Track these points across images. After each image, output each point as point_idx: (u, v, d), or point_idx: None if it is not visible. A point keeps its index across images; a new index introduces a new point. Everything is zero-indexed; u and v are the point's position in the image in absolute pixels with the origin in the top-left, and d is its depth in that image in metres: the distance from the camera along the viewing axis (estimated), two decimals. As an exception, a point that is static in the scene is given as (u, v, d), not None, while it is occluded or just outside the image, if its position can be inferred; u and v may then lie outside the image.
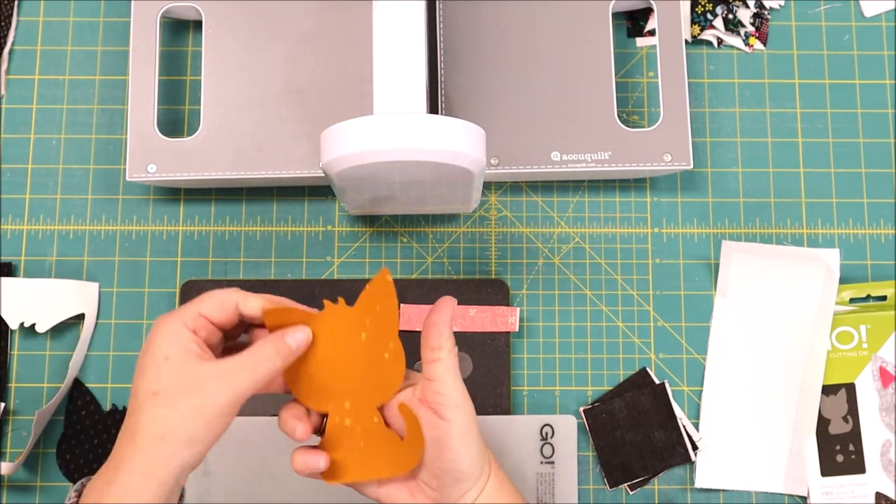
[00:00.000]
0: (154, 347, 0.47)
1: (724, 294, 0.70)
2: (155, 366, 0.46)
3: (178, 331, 0.47)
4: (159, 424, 0.46)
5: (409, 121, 0.54)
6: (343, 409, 0.52)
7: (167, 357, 0.46)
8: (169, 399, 0.46)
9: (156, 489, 0.46)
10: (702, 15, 0.74)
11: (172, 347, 0.47)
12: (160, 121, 0.68)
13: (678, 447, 0.67)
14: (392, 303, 0.52)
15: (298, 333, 0.50)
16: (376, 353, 0.52)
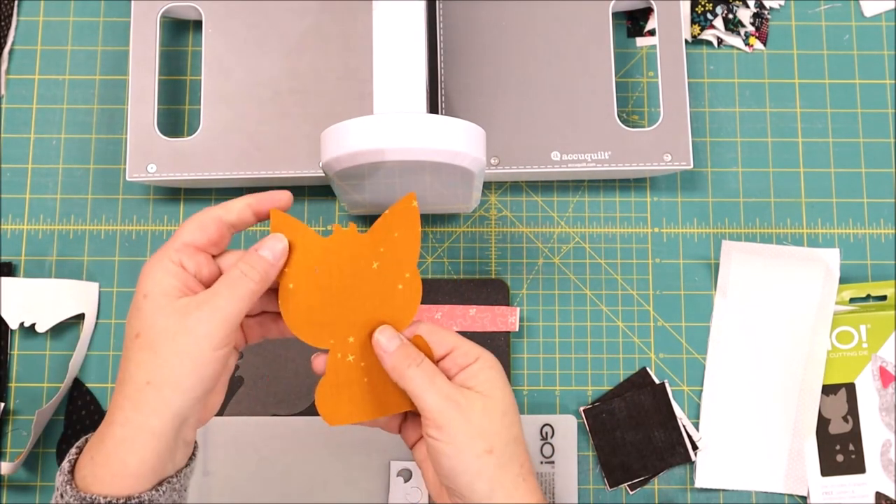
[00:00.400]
0: (138, 286, 0.44)
1: (724, 294, 0.70)
2: (136, 306, 0.43)
3: (160, 265, 0.43)
4: (143, 369, 0.42)
5: (409, 120, 0.54)
6: (346, 343, 0.48)
7: (146, 295, 0.43)
8: (149, 341, 0.42)
9: (150, 441, 0.42)
10: (702, 15, 0.74)
11: (152, 284, 0.43)
12: (160, 121, 0.68)
13: (678, 447, 0.67)
14: (415, 231, 0.48)
15: (272, 241, 0.46)
16: (389, 284, 0.48)
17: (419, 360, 0.46)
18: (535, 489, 0.47)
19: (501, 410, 0.46)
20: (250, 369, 0.68)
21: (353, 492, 0.66)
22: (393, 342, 0.46)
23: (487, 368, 0.46)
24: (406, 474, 0.66)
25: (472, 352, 0.47)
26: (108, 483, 0.41)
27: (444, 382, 0.46)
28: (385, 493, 0.66)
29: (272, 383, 0.67)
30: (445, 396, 0.45)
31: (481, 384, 0.46)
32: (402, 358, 0.46)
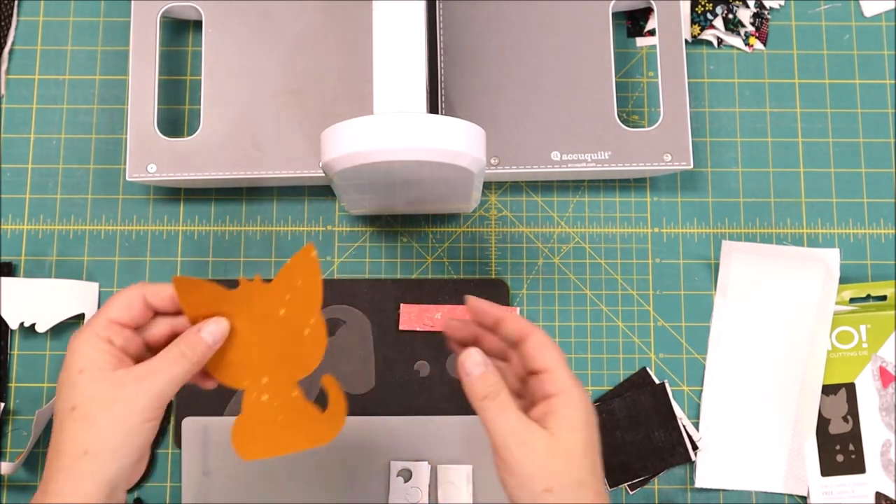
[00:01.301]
0: (68, 362, 0.46)
1: (724, 294, 0.70)
2: (70, 381, 0.45)
3: (90, 342, 0.46)
4: (80, 440, 0.44)
5: (409, 121, 0.54)
6: (260, 384, 0.51)
7: (81, 370, 0.45)
8: (87, 412, 0.44)
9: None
10: (702, 15, 0.74)
11: (85, 360, 0.45)
12: (160, 121, 0.68)
13: (678, 447, 0.67)
14: (315, 279, 0.51)
15: (212, 325, 0.48)
16: (295, 329, 0.51)
17: (496, 393, 0.46)
18: None
19: (566, 452, 0.46)
20: (250, 369, 0.68)
21: (353, 492, 0.66)
22: (477, 368, 0.47)
23: (564, 406, 0.46)
24: (406, 474, 0.66)
25: (560, 383, 0.47)
26: None
27: (514, 417, 0.46)
28: (385, 493, 0.66)
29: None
30: (511, 432, 0.46)
31: (554, 421, 0.46)
32: (480, 385, 0.47)
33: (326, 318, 0.68)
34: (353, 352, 0.68)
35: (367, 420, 0.67)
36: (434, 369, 0.68)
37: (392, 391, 0.68)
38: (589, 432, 0.47)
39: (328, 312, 0.69)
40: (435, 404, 0.68)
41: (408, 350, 0.68)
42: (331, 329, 0.69)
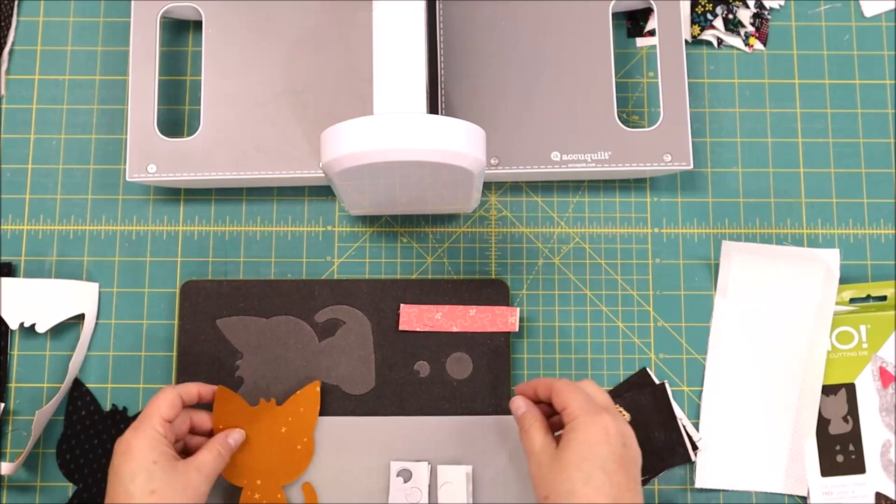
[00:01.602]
0: (141, 456, 0.56)
1: (724, 294, 0.70)
2: (147, 470, 0.56)
3: (155, 438, 0.57)
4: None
5: (409, 121, 0.54)
6: (255, 484, 0.64)
7: (155, 462, 0.57)
8: (164, 496, 0.56)
9: None
10: (702, 15, 0.74)
11: (156, 453, 0.57)
12: (160, 121, 0.68)
13: (678, 447, 0.67)
14: (314, 409, 0.66)
15: (237, 434, 0.63)
16: (291, 444, 0.65)
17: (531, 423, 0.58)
18: None
19: (561, 466, 0.54)
20: (250, 370, 0.68)
21: (353, 492, 0.66)
22: (520, 410, 0.60)
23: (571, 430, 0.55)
24: (406, 474, 0.66)
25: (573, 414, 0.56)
26: None
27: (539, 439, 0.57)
28: (385, 493, 0.66)
29: (272, 384, 0.67)
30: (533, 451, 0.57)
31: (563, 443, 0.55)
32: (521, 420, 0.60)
33: (326, 319, 0.69)
34: (352, 352, 0.68)
35: (367, 420, 0.67)
36: (434, 369, 0.68)
37: (392, 391, 0.68)
38: (588, 448, 0.54)
39: (328, 313, 0.69)
40: (435, 404, 0.68)
41: (408, 350, 0.68)
42: (331, 329, 0.69)
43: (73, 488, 0.67)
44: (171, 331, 0.70)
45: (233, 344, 0.68)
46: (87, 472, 0.67)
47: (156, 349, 0.69)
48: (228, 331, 0.68)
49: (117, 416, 0.68)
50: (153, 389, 0.69)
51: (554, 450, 0.55)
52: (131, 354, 0.69)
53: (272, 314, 0.69)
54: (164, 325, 0.70)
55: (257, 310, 0.69)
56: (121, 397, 0.69)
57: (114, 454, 0.58)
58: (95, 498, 0.67)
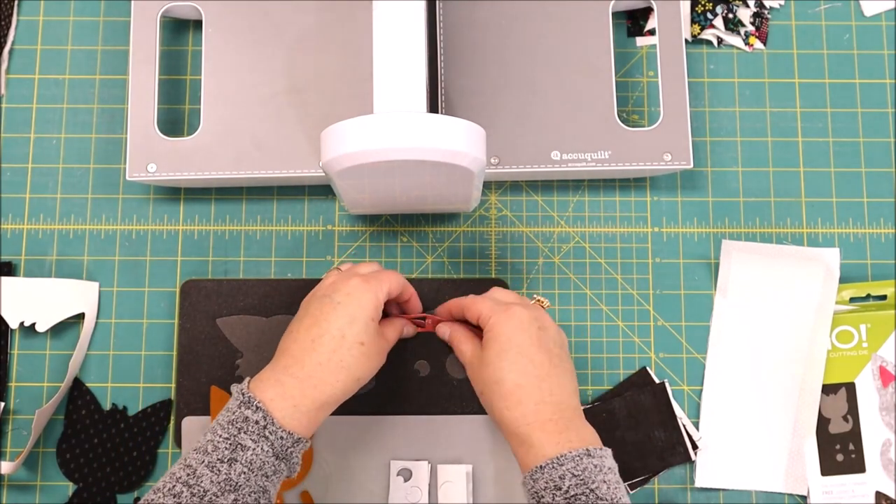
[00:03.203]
0: (364, 308, 0.58)
1: (724, 293, 0.70)
2: (365, 323, 0.58)
3: (378, 300, 0.59)
4: (361, 370, 0.58)
5: (409, 120, 0.54)
6: None
7: (373, 319, 0.58)
8: (370, 352, 0.58)
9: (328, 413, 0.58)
10: (702, 14, 0.74)
11: (376, 312, 0.59)
12: (160, 120, 0.68)
13: (678, 447, 0.67)
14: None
15: (410, 328, 0.66)
16: None
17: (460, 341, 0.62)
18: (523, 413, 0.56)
19: (486, 361, 0.59)
20: (250, 369, 0.68)
21: (353, 492, 0.66)
22: (446, 333, 0.64)
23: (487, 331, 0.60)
24: (406, 474, 0.66)
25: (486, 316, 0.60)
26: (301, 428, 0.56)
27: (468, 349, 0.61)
28: (385, 493, 0.66)
29: (272, 383, 0.67)
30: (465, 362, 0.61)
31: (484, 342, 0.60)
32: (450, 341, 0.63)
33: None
34: (353, 351, 0.68)
35: (367, 420, 0.67)
36: (434, 369, 0.68)
37: (392, 391, 0.68)
38: (506, 339, 0.58)
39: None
40: (435, 404, 0.68)
41: (408, 350, 0.68)
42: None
43: (73, 488, 0.67)
44: (171, 330, 0.70)
45: (233, 343, 0.68)
46: (87, 471, 0.67)
47: (156, 348, 0.69)
48: (228, 330, 0.68)
49: (117, 415, 0.68)
50: (153, 389, 0.69)
51: (480, 353, 0.60)
52: (131, 354, 0.69)
53: (272, 313, 0.69)
54: (164, 325, 0.70)
55: (257, 309, 0.69)
56: (121, 397, 0.69)
57: (333, 291, 0.59)
58: (95, 497, 0.67)
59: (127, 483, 0.67)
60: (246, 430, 0.54)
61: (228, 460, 0.53)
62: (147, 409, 0.68)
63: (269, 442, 0.54)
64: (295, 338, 0.58)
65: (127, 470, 0.67)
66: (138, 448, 0.67)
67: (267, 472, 0.54)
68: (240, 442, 0.53)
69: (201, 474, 0.52)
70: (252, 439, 0.54)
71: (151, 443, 0.68)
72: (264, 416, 0.54)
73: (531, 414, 0.56)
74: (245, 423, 0.54)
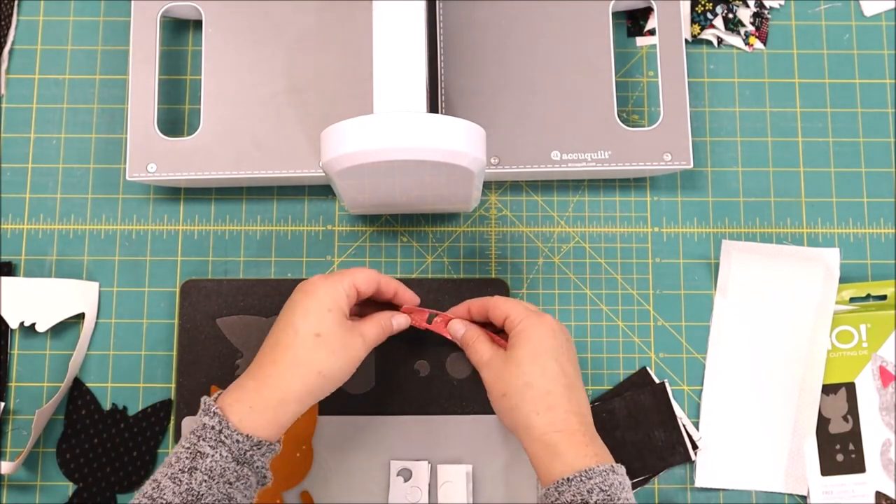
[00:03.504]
0: (320, 299, 0.57)
1: (724, 293, 0.70)
2: (320, 313, 0.56)
3: (338, 292, 0.58)
4: (319, 361, 0.56)
5: (409, 120, 0.54)
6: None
7: (330, 309, 0.57)
8: (329, 343, 0.56)
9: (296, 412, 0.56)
10: (702, 14, 0.74)
11: (335, 303, 0.57)
12: (160, 120, 0.68)
13: (678, 447, 0.67)
14: (312, 416, 0.66)
15: (401, 318, 0.63)
16: (290, 452, 0.65)
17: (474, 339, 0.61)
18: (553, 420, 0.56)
19: (516, 362, 0.58)
20: (250, 369, 0.68)
21: (353, 492, 0.66)
22: (460, 330, 0.63)
23: (518, 333, 0.59)
24: (406, 474, 0.66)
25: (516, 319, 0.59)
26: (260, 430, 0.54)
27: (485, 349, 0.60)
28: (385, 493, 0.66)
29: (272, 383, 0.67)
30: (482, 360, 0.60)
31: (511, 345, 0.59)
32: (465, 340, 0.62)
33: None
34: (353, 351, 0.68)
35: (366, 420, 0.67)
36: (434, 369, 0.68)
37: (392, 391, 0.68)
38: (538, 343, 0.58)
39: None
40: (435, 404, 0.68)
41: (408, 350, 0.68)
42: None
43: (73, 488, 0.67)
44: (171, 330, 0.70)
45: (233, 343, 0.68)
46: (87, 471, 0.67)
47: (156, 348, 0.69)
48: (228, 330, 0.68)
49: (117, 415, 0.68)
50: (153, 389, 0.69)
51: (504, 353, 0.59)
52: (131, 354, 0.69)
53: (272, 313, 0.69)
54: (164, 325, 0.70)
55: (257, 309, 0.69)
56: (121, 397, 0.69)
57: (295, 291, 0.59)
58: (95, 497, 0.67)
59: (127, 483, 0.67)
60: (204, 437, 0.53)
61: (189, 469, 0.52)
62: (147, 409, 0.68)
63: (226, 446, 0.53)
64: (263, 344, 0.58)
65: (127, 470, 0.67)
66: (138, 448, 0.67)
67: (229, 478, 0.53)
68: (199, 450, 0.53)
69: (164, 486, 0.52)
70: (210, 445, 0.53)
71: (151, 443, 0.68)
72: (220, 421, 0.54)
73: (561, 422, 0.56)
74: (203, 429, 0.54)
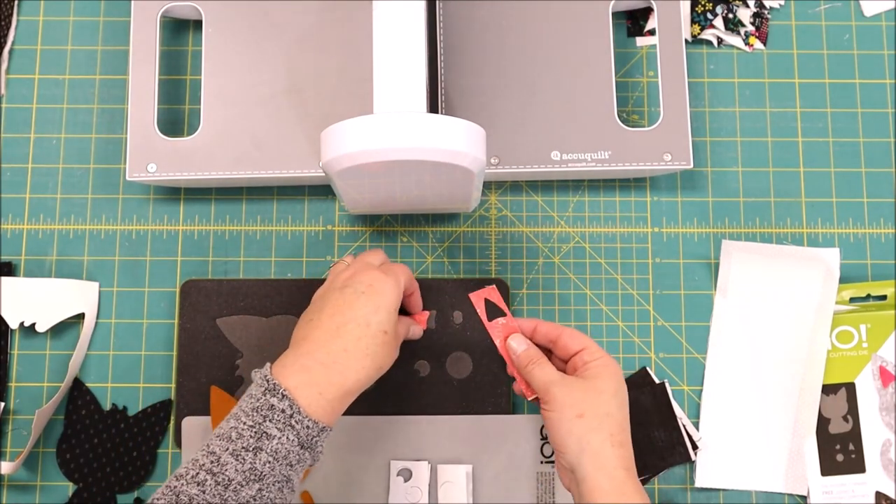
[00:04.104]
0: (388, 298, 0.58)
1: (724, 293, 0.70)
2: (388, 312, 0.58)
3: (399, 293, 0.59)
4: (384, 358, 0.58)
5: (409, 120, 0.54)
6: None
7: (395, 309, 0.59)
8: (391, 341, 0.58)
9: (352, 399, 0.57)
10: (702, 14, 0.74)
11: (397, 303, 0.59)
12: (160, 120, 0.68)
13: (678, 447, 0.67)
14: None
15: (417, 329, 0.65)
16: None
17: (536, 358, 0.60)
18: (623, 456, 0.56)
19: (597, 391, 0.57)
20: (250, 369, 0.68)
21: (353, 492, 0.66)
22: (521, 347, 0.62)
23: (599, 365, 0.59)
24: (406, 474, 0.66)
25: (595, 353, 0.59)
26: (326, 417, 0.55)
27: (553, 370, 0.60)
28: (385, 493, 0.66)
29: (272, 383, 0.67)
30: (552, 380, 0.59)
31: (588, 373, 0.59)
32: (525, 357, 0.61)
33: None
34: (353, 351, 0.68)
35: (367, 420, 0.67)
36: (434, 369, 0.68)
37: (392, 391, 0.68)
38: (619, 384, 0.58)
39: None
40: (435, 404, 0.68)
41: (408, 349, 0.68)
42: (331, 329, 0.69)
43: (73, 488, 0.67)
44: (171, 330, 0.70)
45: (233, 343, 0.68)
46: (87, 471, 0.67)
47: (156, 349, 0.69)
48: (228, 330, 0.68)
49: (117, 415, 0.68)
50: (153, 389, 0.69)
51: (576, 378, 0.59)
52: (131, 354, 0.69)
53: (272, 314, 0.69)
54: (164, 325, 0.70)
55: (257, 309, 0.69)
56: (121, 397, 0.69)
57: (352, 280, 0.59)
58: (95, 497, 0.67)
59: (127, 483, 0.67)
60: (272, 419, 0.53)
61: (254, 449, 0.52)
62: (147, 409, 0.68)
63: (295, 431, 0.53)
64: (317, 325, 0.57)
65: (127, 470, 0.67)
66: (138, 448, 0.67)
67: (291, 461, 0.53)
68: (265, 430, 0.53)
69: (225, 462, 0.52)
70: (278, 428, 0.53)
71: (151, 443, 0.68)
72: (290, 405, 0.53)
73: (628, 459, 0.56)
74: (271, 411, 0.53)
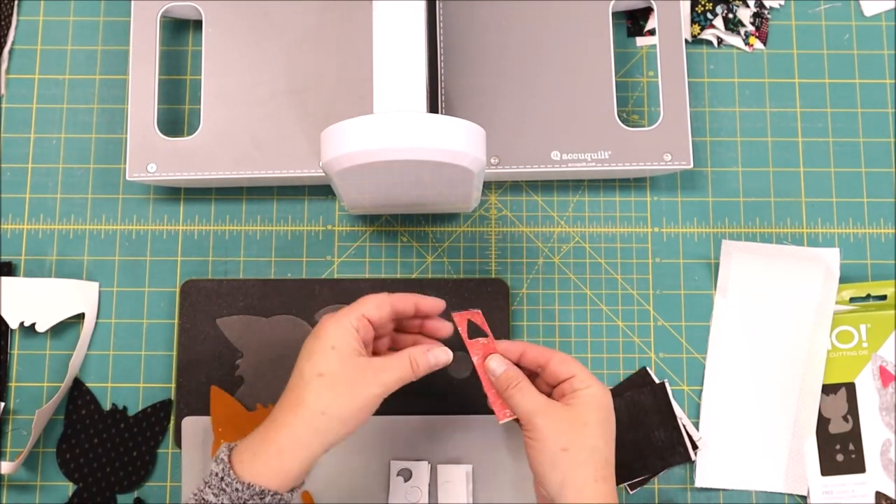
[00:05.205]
0: (323, 338, 0.54)
1: (724, 293, 0.70)
2: (323, 352, 0.54)
3: (345, 328, 0.55)
4: (323, 402, 0.53)
5: (409, 120, 0.54)
6: None
7: (334, 347, 0.54)
8: (333, 383, 0.53)
9: (307, 457, 0.53)
10: (702, 14, 0.74)
11: (339, 340, 0.54)
12: (160, 120, 0.68)
13: (678, 447, 0.67)
14: None
15: (441, 353, 0.57)
16: None
17: (517, 381, 0.57)
18: (607, 492, 0.54)
19: (583, 422, 0.55)
20: (250, 369, 0.68)
21: (353, 492, 0.66)
22: (499, 368, 0.58)
23: (587, 395, 0.56)
24: (406, 474, 0.66)
25: (585, 381, 0.57)
26: (264, 478, 0.52)
27: (537, 396, 0.56)
28: (385, 493, 0.66)
29: (272, 383, 0.67)
30: (535, 407, 0.55)
31: (575, 401, 0.56)
32: (504, 380, 0.57)
33: (326, 318, 0.68)
34: (353, 351, 0.68)
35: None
36: (434, 369, 0.68)
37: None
38: (607, 414, 0.56)
39: (329, 312, 0.69)
40: (434, 404, 0.68)
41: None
42: (331, 329, 0.69)
43: (73, 488, 0.67)
44: (171, 330, 0.70)
45: (233, 343, 0.68)
46: (87, 471, 0.67)
47: (156, 349, 0.69)
48: (228, 330, 0.68)
49: (117, 415, 0.68)
50: (153, 389, 0.69)
51: (563, 406, 0.56)
52: (131, 354, 0.69)
53: (272, 314, 0.69)
54: (164, 325, 0.70)
55: (257, 309, 0.69)
56: (121, 397, 0.69)
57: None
58: (95, 497, 0.67)
59: (127, 483, 0.67)
60: (210, 485, 0.53)
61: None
62: (147, 409, 0.68)
63: (227, 495, 0.52)
64: None
65: (127, 470, 0.67)
66: (138, 448, 0.67)
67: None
68: (204, 497, 0.52)
69: None
70: (213, 493, 0.52)
71: (151, 443, 0.68)
72: (223, 468, 0.53)
73: (611, 494, 0.55)
74: (210, 476, 0.53)
